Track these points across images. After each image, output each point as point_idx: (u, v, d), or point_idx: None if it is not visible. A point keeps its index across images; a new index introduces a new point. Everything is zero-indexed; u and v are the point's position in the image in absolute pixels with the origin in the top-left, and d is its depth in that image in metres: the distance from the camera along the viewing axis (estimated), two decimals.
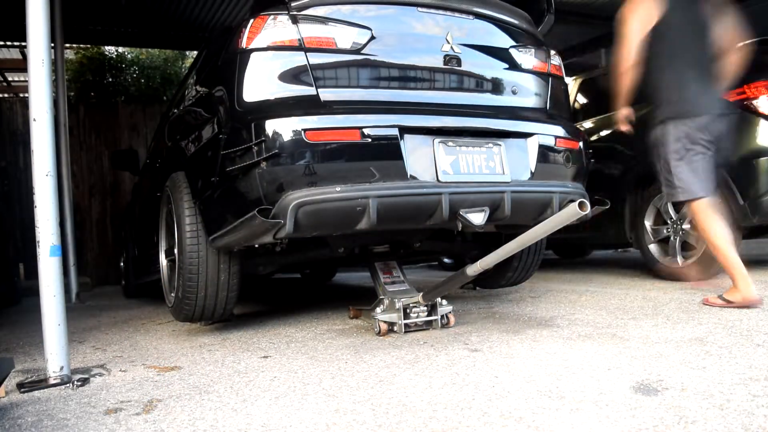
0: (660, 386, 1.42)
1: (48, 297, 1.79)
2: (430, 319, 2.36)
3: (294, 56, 2.10)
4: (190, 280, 2.36)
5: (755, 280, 3.24)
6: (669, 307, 2.55)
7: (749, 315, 2.26)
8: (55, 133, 1.89)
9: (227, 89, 2.18)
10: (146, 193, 3.81)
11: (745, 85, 3.20)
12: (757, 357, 1.64)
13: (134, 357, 2.22)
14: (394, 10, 2.31)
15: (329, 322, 2.74)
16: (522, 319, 2.51)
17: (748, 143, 3.18)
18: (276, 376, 1.78)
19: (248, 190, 2.03)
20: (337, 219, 1.99)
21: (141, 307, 4.08)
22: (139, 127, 7.00)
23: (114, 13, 5.68)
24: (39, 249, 1.79)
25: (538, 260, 3.09)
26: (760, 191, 3.11)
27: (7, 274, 4.59)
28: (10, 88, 8.94)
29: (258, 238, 2.10)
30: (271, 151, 1.94)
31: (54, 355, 1.80)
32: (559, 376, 1.57)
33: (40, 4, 1.80)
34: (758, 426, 1.13)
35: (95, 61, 8.07)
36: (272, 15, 2.13)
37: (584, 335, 2.08)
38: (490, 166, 2.23)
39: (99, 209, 6.86)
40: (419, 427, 1.26)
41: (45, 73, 1.82)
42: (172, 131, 3.18)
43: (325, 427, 1.29)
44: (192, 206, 2.39)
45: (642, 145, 3.69)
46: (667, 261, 3.50)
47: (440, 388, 1.53)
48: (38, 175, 1.80)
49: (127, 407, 1.54)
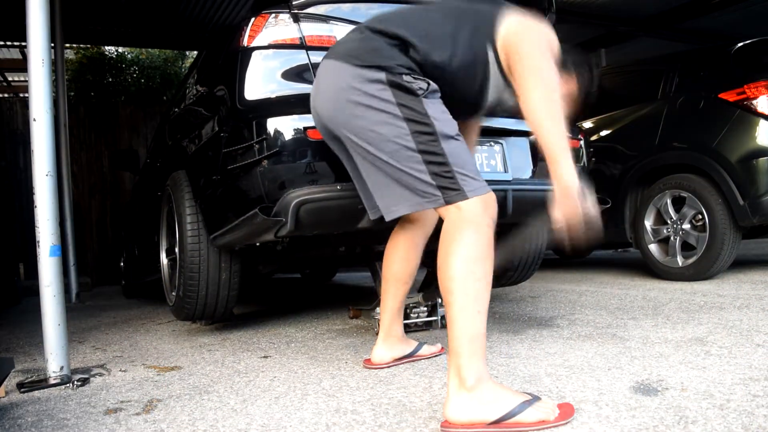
0: (660, 386, 1.42)
1: (48, 297, 1.79)
2: (430, 319, 2.36)
3: (295, 55, 2.10)
4: (191, 279, 2.36)
5: (755, 280, 3.25)
6: (669, 307, 2.55)
7: (749, 315, 2.26)
8: (55, 133, 1.89)
9: (228, 88, 2.18)
10: (146, 192, 3.81)
11: (745, 85, 3.21)
12: (757, 357, 1.64)
13: (134, 357, 2.22)
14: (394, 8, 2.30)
15: (329, 322, 2.74)
16: (522, 319, 2.51)
17: (748, 143, 3.18)
18: (276, 376, 1.78)
19: (249, 188, 2.03)
20: (338, 217, 1.99)
21: (141, 307, 4.08)
22: (139, 127, 6.99)
23: (114, 12, 5.67)
24: (39, 249, 1.79)
25: (539, 260, 3.09)
26: (760, 191, 3.11)
27: (7, 274, 4.59)
28: (10, 88, 8.94)
29: (259, 237, 2.10)
30: (272, 149, 1.94)
31: (54, 355, 1.80)
32: (559, 376, 1.57)
33: (40, 4, 1.80)
34: (758, 426, 1.13)
35: (95, 61, 8.08)
36: (273, 13, 2.13)
37: (584, 335, 2.08)
38: (492, 165, 2.23)
39: (99, 209, 6.85)
40: (419, 427, 1.25)
41: (45, 73, 1.82)
42: (173, 130, 3.18)
43: (325, 427, 1.29)
44: (193, 205, 2.39)
45: (642, 145, 3.72)
46: (667, 261, 3.51)
47: (440, 388, 1.53)
48: (38, 175, 1.80)
49: (127, 407, 1.54)
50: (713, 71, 3.54)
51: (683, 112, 3.54)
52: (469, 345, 1.23)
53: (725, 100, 3.28)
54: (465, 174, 1.30)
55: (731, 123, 3.23)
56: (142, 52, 8.55)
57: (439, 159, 1.30)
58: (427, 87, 1.36)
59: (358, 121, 1.38)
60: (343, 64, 1.42)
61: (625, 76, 4.30)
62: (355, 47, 1.44)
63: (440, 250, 1.30)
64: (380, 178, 1.41)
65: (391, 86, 1.34)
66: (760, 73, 3.22)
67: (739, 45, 3.48)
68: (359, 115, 1.38)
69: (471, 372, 1.21)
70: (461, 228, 1.27)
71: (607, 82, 4.39)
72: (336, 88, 1.43)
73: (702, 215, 3.30)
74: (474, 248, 1.26)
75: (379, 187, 1.43)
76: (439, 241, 1.31)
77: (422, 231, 1.80)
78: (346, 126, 1.42)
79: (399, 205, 1.40)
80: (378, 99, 1.35)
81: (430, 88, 1.36)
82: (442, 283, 1.28)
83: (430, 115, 1.33)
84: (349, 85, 1.39)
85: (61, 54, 5.25)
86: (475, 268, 1.25)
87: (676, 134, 3.53)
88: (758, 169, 3.13)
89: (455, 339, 1.24)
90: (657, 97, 3.75)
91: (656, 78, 3.81)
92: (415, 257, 1.82)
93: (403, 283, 1.83)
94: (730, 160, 3.19)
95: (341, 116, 1.43)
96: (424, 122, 1.33)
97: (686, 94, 3.58)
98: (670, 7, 6.25)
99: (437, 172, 1.30)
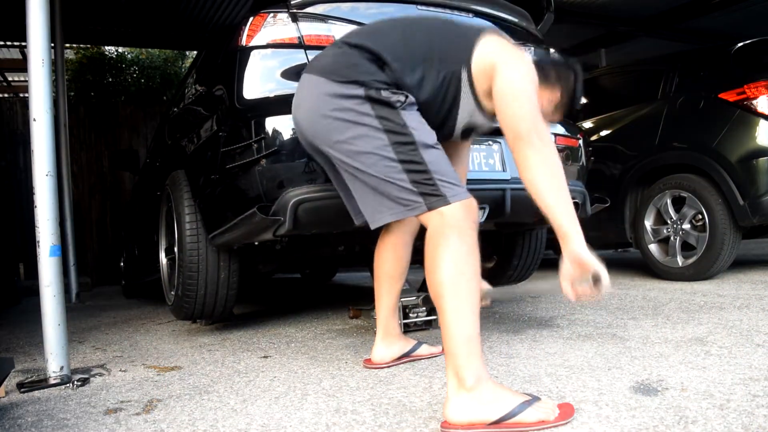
0: (660, 386, 1.42)
1: (48, 297, 1.79)
2: (429, 318, 2.36)
3: (294, 54, 2.10)
4: (190, 278, 2.36)
5: (755, 280, 3.25)
6: (669, 307, 2.55)
7: (749, 315, 2.26)
8: (55, 133, 1.89)
9: (227, 87, 2.18)
10: (146, 192, 3.81)
11: (745, 85, 3.21)
12: (757, 357, 1.64)
13: (134, 357, 2.22)
14: (393, 8, 2.30)
15: (329, 322, 2.74)
16: (522, 319, 2.51)
17: (748, 143, 3.18)
18: (276, 376, 1.78)
19: (248, 188, 2.03)
20: (336, 216, 1.99)
21: (141, 307, 4.08)
22: (139, 127, 6.99)
23: (114, 12, 5.67)
24: (39, 249, 1.79)
25: (538, 260, 3.09)
26: (760, 191, 3.11)
27: (7, 274, 4.59)
28: (10, 88, 8.94)
29: (258, 236, 2.10)
30: (271, 148, 1.94)
31: (54, 355, 1.80)
32: (559, 376, 1.57)
33: (40, 4, 1.80)
34: (758, 426, 1.13)
35: (95, 61, 8.08)
36: (272, 13, 2.13)
37: (584, 335, 2.08)
38: (490, 164, 2.23)
39: (99, 209, 6.85)
40: (419, 427, 1.25)
41: (45, 73, 1.81)
42: (172, 130, 3.18)
43: (325, 427, 1.29)
44: (192, 204, 2.39)
45: (642, 145, 3.72)
46: (667, 261, 3.51)
47: (440, 388, 1.53)
48: (38, 175, 1.80)
49: (127, 407, 1.54)
50: (713, 71, 3.54)
51: (683, 112, 3.54)
52: (467, 345, 1.23)
53: (725, 100, 3.28)
54: (446, 181, 1.31)
55: (731, 123, 3.23)
56: (142, 52, 8.54)
57: (419, 167, 1.31)
58: (405, 99, 1.37)
59: (337, 135, 1.39)
60: (321, 79, 1.43)
61: (625, 76, 4.30)
62: (333, 62, 1.45)
63: (427, 257, 1.30)
64: (363, 189, 1.42)
65: (369, 101, 1.35)
66: (760, 73, 3.22)
67: (739, 45, 3.48)
68: (338, 129, 1.38)
69: (470, 372, 1.21)
70: (445, 233, 1.28)
71: (607, 82, 4.39)
72: (315, 103, 1.44)
73: (702, 215, 3.30)
74: (461, 250, 1.27)
75: (363, 197, 1.44)
76: (425, 248, 1.32)
77: (409, 229, 1.82)
78: (325, 140, 1.43)
79: (383, 213, 1.41)
80: (356, 113, 1.36)
81: (408, 101, 1.37)
82: (433, 287, 1.28)
83: (409, 125, 1.34)
84: (327, 100, 1.40)
85: (61, 54, 5.25)
86: (464, 269, 1.26)
87: (676, 134, 3.53)
88: (758, 169, 3.13)
89: (452, 341, 1.24)
90: (657, 97, 3.74)
91: (656, 78, 3.81)
92: (405, 254, 1.84)
93: (396, 280, 1.84)
94: (730, 160, 3.19)
95: (321, 130, 1.43)
96: (403, 132, 1.33)
97: (686, 94, 3.57)
98: (670, 7, 6.25)
99: (418, 180, 1.31)
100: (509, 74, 1.37)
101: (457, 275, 1.25)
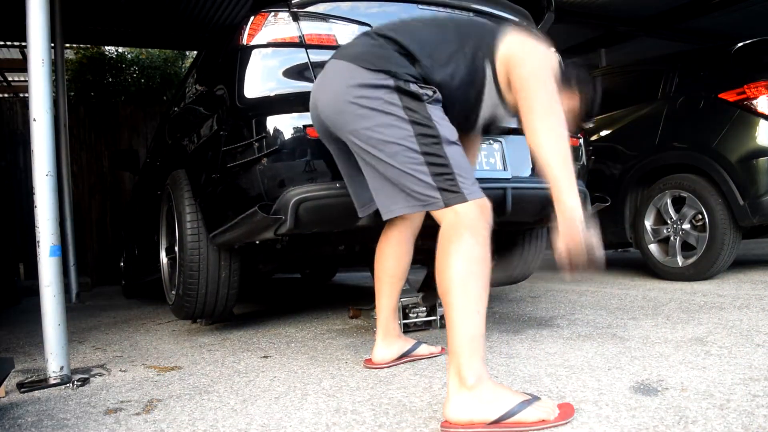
0: (660, 386, 1.42)
1: (48, 297, 1.79)
2: (429, 319, 2.36)
3: (295, 53, 2.10)
4: (191, 278, 2.36)
5: (755, 280, 3.24)
6: (669, 307, 2.55)
7: (749, 315, 2.26)
8: (55, 133, 1.89)
9: (228, 86, 2.18)
10: (146, 192, 3.81)
11: (745, 85, 3.21)
12: (757, 357, 1.64)
13: (134, 357, 2.22)
14: (394, 8, 2.30)
15: (329, 322, 2.74)
16: (522, 319, 2.51)
17: (748, 143, 3.18)
18: (276, 376, 1.78)
19: (249, 187, 2.03)
20: (337, 215, 1.99)
21: (141, 307, 4.08)
22: (139, 127, 6.99)
23: (114, 12, 5.67)
24: (39, 249, 1.79)
25: (538, 259, 3.09)
26: (760, 191, 3.11)
27: (7, 274, 4.59)
28: (10, 88, 8.94)
29: (259, 235, 2.10)
30: (272, 147, 1.94)
31: (54, 355, 1.80)
32: (559, 376, 1.57)
33: (40, 4, 1.80)
34: (758, 426, 1.13)
35: (95, 61, 8.08)
36: (273, 12, 2.13)
37: (584, 335, 2.08)
38: (491, 163, 2.23)
39: (99, 209, 6.85)
40: (419, 427, 1.25)
41: (45, 73, 1.81)
42: (172, 129, 3.18)
43: (325, 427, 1.29)
44: (192, 203, 2.39)
45: (642, 145, 3.72)
46: (667, 261, 3.51)
47: (440, 388, 1.53)
48: (38, 175, 1.80)
49: (127, 407, 1.54)
50: (713, 71, 3.54)
51: (683, 112, 3.54)
52: (470, 345, 1.23)
53: (725, 100, 3.28)
54: (465, 178, 1.32)
55: (731, 123, 3.23)
56: (142, 52, 8.54)
57: (441, 161, 1.32)
58: (432, 94, 1.39)
59: (361, 122, 1.40)
60: (352, 65, 1.44)
61: (625, 76, 4.30)
62: (365, 51, 1.47)
63: (439, 252, 1.31)
64: (381, 179, 1.42)
65: (398, 91, 1.37)
66: (760, 73, 3.22)
67: (739, 45, 3.48)
68: (364, 116, 1.39)
69: (471, 371, 1.22)
70: (459, 231, 1.29)
71: (607, 82, 4.39)
72: (341, 88, 1.44)
73: (702, 215, 3.30)
74: (473, 249, 1.27)
75: (380, 187, 1.45)
76: (438, 244, 1.32)
77: (411, 228, 1.83)
78: (348, 126, 1.44)
79: (398, 205, 1.41)
80: (384, 101, 1.37)
81: (434, 96, 1.40)
82: (442, 284, 1.28)
83: (434, 119, 1.36)
84: (355, 87, 1.41)
85: (61, 54, 5.24)
86: (475, 269, 1.27)
87: (676, 134, 3.53)
88: (758, 169, 3.13)
89: (455, 339, 1.24)
90: (657, 97, 3.74)
91: (656, 78, 3.81)
92: (406, 254, 1.84)
93: (398, 280, 1.85)
94: (730, 160, 3.19)
95: (344, 116, 1.44)
96: (428, 125, 1.35)
97: (686, 94, 3.57)
98: (670, 7, 6.25)
99: (439, 173, 1.32)
100: (532, 63, 1.39)
101: (467, 275, 1.26)
